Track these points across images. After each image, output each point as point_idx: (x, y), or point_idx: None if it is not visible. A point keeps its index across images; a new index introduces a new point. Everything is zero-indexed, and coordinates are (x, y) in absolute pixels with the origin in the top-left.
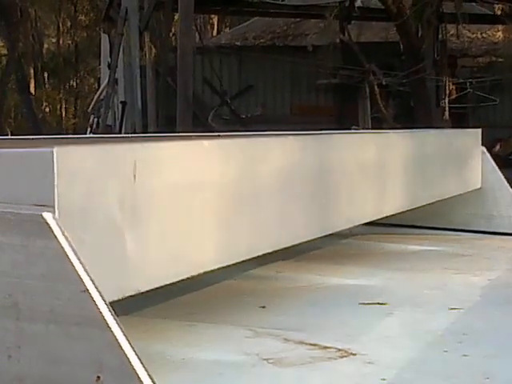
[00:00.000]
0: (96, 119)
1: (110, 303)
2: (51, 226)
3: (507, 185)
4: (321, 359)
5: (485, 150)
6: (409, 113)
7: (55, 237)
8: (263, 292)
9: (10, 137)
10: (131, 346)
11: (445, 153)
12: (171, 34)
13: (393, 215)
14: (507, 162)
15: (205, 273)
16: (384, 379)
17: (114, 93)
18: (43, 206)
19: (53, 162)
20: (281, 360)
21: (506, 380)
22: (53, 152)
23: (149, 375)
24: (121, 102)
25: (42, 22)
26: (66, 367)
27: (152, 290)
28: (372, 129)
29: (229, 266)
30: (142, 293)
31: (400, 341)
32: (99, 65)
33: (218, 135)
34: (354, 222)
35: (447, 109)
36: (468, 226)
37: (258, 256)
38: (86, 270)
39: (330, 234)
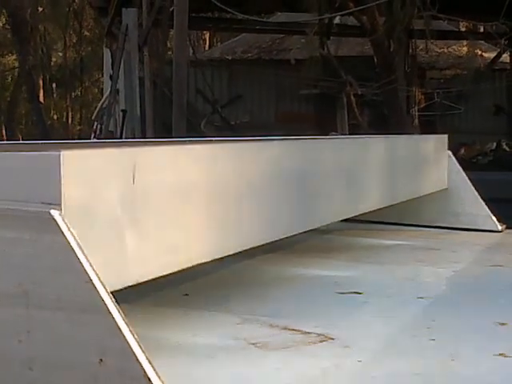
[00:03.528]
0: (99, 126)
1: (112, 292)
2: (58, 222)
3: (471, 185)
4: (303, 343)
5: (451, 153)
6: (382, 120)
7: (62, 232)
8: (251, 282)
9: (21, 141)
10: (131, 332)
11: (415, 156)
12: (167, 49)
13: (368, 212)
14: (471, 164)
15: (198, 265)
16: (360, 361)
17: (116, 102)
18: (51, 204)
19: (60, 164)
20: (267, 344)
21: (470, 361)
22: (60, 155)
23: (147, 358)
24: (121, 110)
25: (51, 37)
26: (72, 350)
27: (150, 280)
28: (349, 134)
29: (219, 259)
30: (141, 283)
31: (374, 326)
32: (102, 76)
33: (210, 140)
34: (332, 218)
35: (417, 116)
36: (436, 222)
37: (246, 250)
38: (89, 263)
39: (312, 230)
